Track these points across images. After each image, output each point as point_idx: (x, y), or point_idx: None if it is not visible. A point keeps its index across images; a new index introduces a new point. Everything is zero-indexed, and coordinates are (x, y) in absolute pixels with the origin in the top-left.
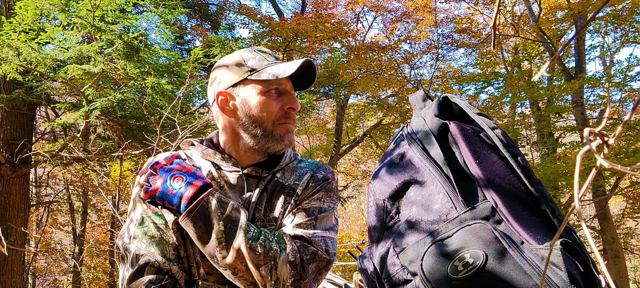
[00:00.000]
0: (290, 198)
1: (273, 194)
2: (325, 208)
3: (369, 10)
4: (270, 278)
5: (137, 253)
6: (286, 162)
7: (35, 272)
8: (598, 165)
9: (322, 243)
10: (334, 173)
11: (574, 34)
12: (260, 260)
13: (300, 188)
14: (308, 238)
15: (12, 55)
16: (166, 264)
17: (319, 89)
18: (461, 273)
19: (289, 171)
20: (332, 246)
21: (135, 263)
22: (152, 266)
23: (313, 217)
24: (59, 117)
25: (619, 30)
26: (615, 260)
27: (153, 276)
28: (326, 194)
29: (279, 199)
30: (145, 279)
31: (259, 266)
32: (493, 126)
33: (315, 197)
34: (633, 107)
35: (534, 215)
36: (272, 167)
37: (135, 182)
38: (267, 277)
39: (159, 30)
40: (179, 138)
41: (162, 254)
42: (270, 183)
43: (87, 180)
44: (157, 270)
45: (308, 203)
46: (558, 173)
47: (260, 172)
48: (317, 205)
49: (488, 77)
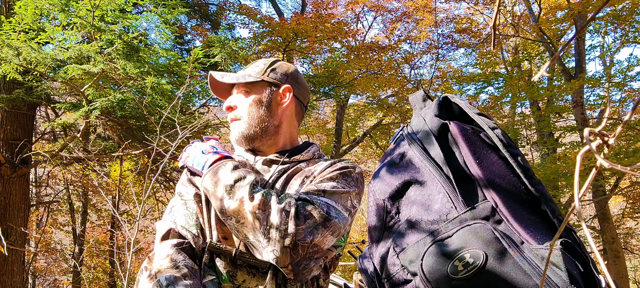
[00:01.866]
0: (307, 180)
1: (293, 177)
2: (337, 187)
3: (369, 10)
4: (266, 224)
5: (163, 226)
6: (309, 156)
7: (35, 272)
8: (598, 165)
9: (323, 207)
10: (357, 167)
11: (574, 34)
12: (257, 207)
13: (317, 170)
14: (309, 199)
15: (12, 55)
16: (185, 230)
17: (319, 89)
18: (461, 273)
19: (313, 163)
20: (335, 213)
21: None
22: (174, 232)
23: (321, 190)
24: (59, 117)
25: (619, 30)
26: (615, 260)
27: (176, 240)
28: (342, 177)
29: (298, 181)
30: (170, 242)
31: (255, 211)
32: (493, 126)
33: (328, 176)
34: (633, 107)
35: (534, 215)
36: (292, 155)
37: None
38: (263, 222)
39: (159, 30)
40: (179, 138)
41: (183, 222)
42: (293, 168)
43: (87, 180)
44: (178, 235)
45: (320, 182)
46: (558, 173)
47: (280, 157)
48: (329, 184)
49: (488, 77)
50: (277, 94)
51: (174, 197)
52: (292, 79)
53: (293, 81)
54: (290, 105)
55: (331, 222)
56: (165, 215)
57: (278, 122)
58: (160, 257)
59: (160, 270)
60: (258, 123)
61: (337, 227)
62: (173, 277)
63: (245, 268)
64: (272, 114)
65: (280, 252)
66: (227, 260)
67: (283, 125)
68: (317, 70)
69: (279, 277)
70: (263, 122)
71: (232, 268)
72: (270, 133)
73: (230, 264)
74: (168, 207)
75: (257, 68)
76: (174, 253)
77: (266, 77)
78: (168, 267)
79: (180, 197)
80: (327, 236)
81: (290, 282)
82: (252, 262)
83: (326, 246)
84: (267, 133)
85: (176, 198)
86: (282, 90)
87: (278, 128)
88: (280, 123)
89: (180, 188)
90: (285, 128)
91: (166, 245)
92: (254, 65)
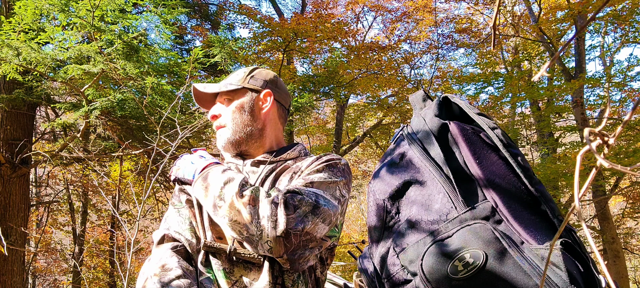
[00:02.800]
0: (295, 175)
1: (281, 174)
2: (324, 177)
3: (369, 10)
4: (257, 217)
5: (158, 233)
6: (296, 154)
7: (35, 272)
8: (598, 165)
9: (312, 196)
10: (342, 159)
11: (574, 34)
12: (247, 202)
13: (304, 165)
14: (297, 190)
15: (12, 55)
16: (178, 235)
17: (319, 89)
18: (461, 273)
19: (300, 160)
20: (324, 201)
21: (157, 238)
22: (168, 237)
23: (309, 181)
24: (59, 117)
25: (619, 30)
26: (615, 260)
27: (170, 243)
28: (328, 168)
29: (286, 177)
30: (166, 246)
31: (246, 207)
32: (493, 126)
33: (315, 169)
34: (633, 107)
35: (534, 215)
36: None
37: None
38: (254, 216)
39: (159, 30)
40: (179, 138)
41: (176, 227)
42: (280, 166)
43: (87, 180)
44: (172, 239)
45: (308, 174)
46: (558, 173)
47: (268, 157)
48: (316, 176)
49: (488, 77)
50: (258, 99)
51: (168, 208)
52: (271, 84)
53: (273, 86)
54: (272, 108)
55: (320, 209)
56: (161, 225)
57: (261, 125)
58: (156, 260)
59: (156, 272)
60: (242, 128)
61: (328, 214)
62: (168, 278)
63: (241, 264)
64: (255, 118)
65: (273, 243)
66: (223, 257)
67: (267, 128)
68: (317, 70)
69: (276, 269)
70: (247, 126)
71: (229, 265)
72: (255, 136)
73: (227, 261)
74: (163, 218)
75: (237, 76)
76: (168, 255)
77: (247, 83)
78: (163, 268)
79: (173, 206)
80: (319, 224)
81: (287, 274)
82: (247, 257)
83: (319, 234)
84: (252, 137)
85: (170, 209)
86: (263, 95)
87: (262, 131)
88: (263, 126)
89: (174, 200)
90: (270, 131)
91: (161, 249)
92: (235, 74)
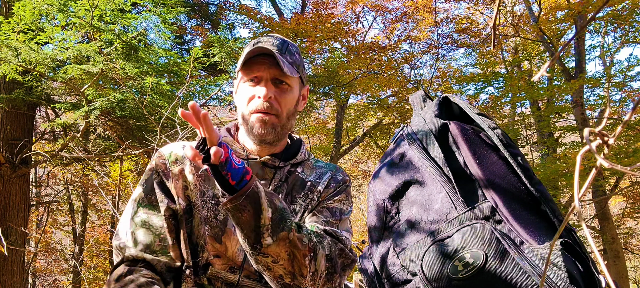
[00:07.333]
0: (311, 194)
1: (294, 188)
2: (345, 211)
3: (369, 10)
4: (310, 269)
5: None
6: (303, 157)
7: (35, 272)
8: (598, 165)
9: (348, 242)
10: (348, 177)
11: (574, 34)
12: (305, 250)
13: (321, 187)
14: (337, 236)
15: (12, 56)
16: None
17: (319, 89)
18: (461, 273)
19: (308, 168)
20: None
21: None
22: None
23: (337, 218)
24: (59, 117)
25: (619, 30)
26: (615, 260)
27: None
28: (346, 197)
29: (300, 194)
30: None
31: (305, 256)
32: (493, 126)
33: (337, 198)
34: (633, 107)
35: (534, 215)
36: (288, 158)
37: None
38: (309, 267)
39: (158, 30)
40: (179, 138)
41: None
42: (291, 176)
43: (87, 180)
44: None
45: (331, 203)
46: (558, 173)
47: (276, 163)
48: (339, 207)
49: (488, 77)
50: (301, 93)
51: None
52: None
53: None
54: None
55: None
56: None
57: (293, 122)
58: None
59: None
60: (287, 123)
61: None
62: None
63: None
64: (295, 115)
65: None
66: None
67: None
68: (317, 70)
69: None
70: (290, 121)
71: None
72: (285, 134)
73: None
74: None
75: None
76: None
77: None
78: None
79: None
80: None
81: None
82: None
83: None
84: (284, 135)
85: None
86: (305, 91)
87: (289, 129)
88: (292, 125)
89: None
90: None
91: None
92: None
